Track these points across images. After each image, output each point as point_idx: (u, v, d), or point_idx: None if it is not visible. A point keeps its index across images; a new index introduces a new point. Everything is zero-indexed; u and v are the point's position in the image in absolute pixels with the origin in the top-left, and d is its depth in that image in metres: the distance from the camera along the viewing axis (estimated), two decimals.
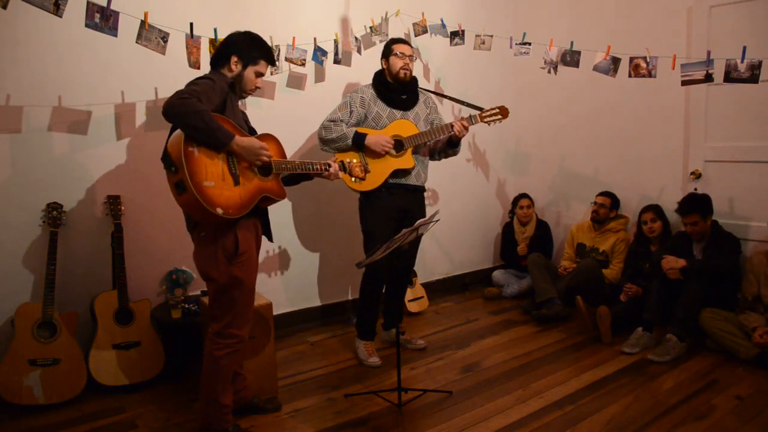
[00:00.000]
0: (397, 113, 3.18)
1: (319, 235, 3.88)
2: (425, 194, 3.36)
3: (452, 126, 3.10)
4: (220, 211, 2.10)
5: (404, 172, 3.15)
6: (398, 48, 3.15)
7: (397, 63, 3.13)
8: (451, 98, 3.58)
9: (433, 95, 3.48)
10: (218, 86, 2.21)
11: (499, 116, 3.22)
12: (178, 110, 2.02)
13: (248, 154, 2.21)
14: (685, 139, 3.84)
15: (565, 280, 3.91)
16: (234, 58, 2.31)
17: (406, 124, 3.15)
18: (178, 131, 2.10)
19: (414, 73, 3.25)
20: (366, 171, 2.73)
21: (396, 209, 3.16)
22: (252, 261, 2.33)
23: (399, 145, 3.10)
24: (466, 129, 3.13)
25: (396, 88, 3.19)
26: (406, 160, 3.13)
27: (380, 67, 3.25)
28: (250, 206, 2.25)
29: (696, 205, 3.35)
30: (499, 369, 3.11)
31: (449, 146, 3.29)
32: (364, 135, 3.04)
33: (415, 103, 3.25)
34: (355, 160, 2.69)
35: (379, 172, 3.08)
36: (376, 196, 3.13)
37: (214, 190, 2.11)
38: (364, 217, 3.22)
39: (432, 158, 3.37)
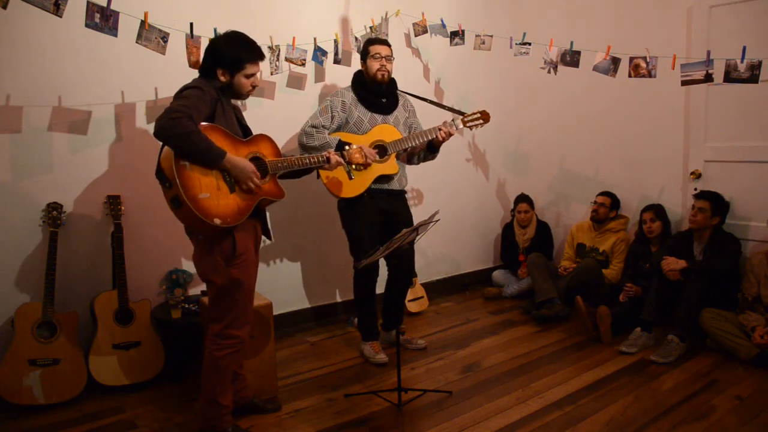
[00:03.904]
0: (379, 117, 3.14)
1: (320, 235, 3.88)
2: (407, 196, 3.31)
3: (439, 130, 3.05)
4: (218, 221, 2.12)
5: (387, 178, 3.12)
6: (375, 49, 3.10)
7: (373, 65, 3.09)
8: (430, 101, 3.49)
9: (411, 98, 3.42)
10: (207, 95, 2.21)
11: (480, 121, 3.16)
12: (169, 133, 2.04)
13: (237, 174, 2.21)
14: (685, 139, 3.84)
15: (565, 280, 3.91)
16: (219, 71, 2.29)
17: (389, 129, 3.12)
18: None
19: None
20: (367, 158, 2.69)
21: (380, 212, 3.13)
22: (250, 262, 2.34)
23: (383, 150, 3.06)
24: (450, 135, 3.09)
25: (376, 92, 3.14)
26: (390, 166, 3.10)
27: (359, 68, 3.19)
28: (248, 212, 2.25)
29: (711, 194, 3.39)
30: (499, 369, 3.11)
31: (429, 151, 3.24)
32: (348, 144, 2.98)
33: (396, 106, 3.22)
34: (355, 146, 2.67)
35: (363, 178, 3.05)
36: (358, 202, 3.09)
37: (210, 202, 2.12)
38: (348, 223, 3.18)
39: (410, 163, 3.34)
